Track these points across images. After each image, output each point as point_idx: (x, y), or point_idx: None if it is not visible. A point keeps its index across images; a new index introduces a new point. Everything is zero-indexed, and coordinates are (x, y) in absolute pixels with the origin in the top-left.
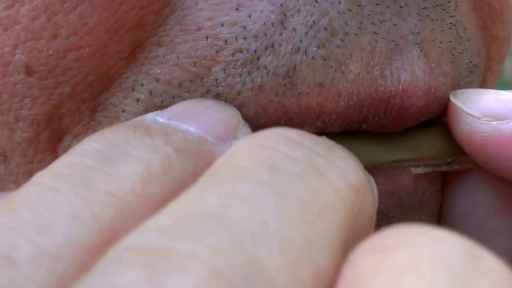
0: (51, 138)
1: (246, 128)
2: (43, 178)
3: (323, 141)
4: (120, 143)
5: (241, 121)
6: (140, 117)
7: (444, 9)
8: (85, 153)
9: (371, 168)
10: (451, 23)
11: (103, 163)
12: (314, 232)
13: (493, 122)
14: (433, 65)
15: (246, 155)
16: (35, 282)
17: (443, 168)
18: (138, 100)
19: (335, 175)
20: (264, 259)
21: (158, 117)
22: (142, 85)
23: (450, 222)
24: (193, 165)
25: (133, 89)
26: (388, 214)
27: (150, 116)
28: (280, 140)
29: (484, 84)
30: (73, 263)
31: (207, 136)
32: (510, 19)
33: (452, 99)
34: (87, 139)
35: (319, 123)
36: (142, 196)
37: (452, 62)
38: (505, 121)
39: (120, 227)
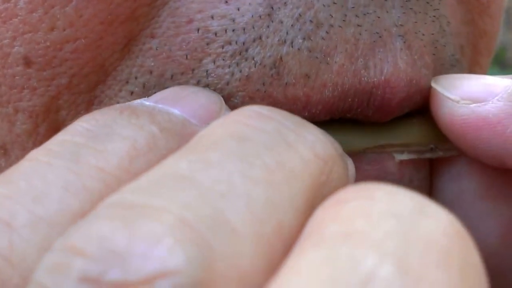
0: (49, 130)
1: (228, 112)
2: (37, 154)
3: (295, 117)
4: (108, 123)
5: (224, 106)
6: (127, 102)
7: (427, 2)
8: (75, 132)
9: (354, 154)
10: (434, 16)
11: (92, 141)
12: (279, 194)
13: (471, 105)
14: (415, 57)
15: (219, 129)
16: (32, 245)
17: (427, 155)
18: (132, 92)
19: (303, 146)
20: (229, 213)
21: (145, 101)
22: (136, 77)
23: None
24: (177, 144)
25: (127, 82)
26: None
27: (138, 100)
28: (252, 115)
29: None
30: (66, 228)
31: (191, 119)
32: (497, 13)
33: (433, 84)
34: (78, 120)
35: (306, 113)
36: (128, 171)
37: (434, 54)
38: (482, 103)
39: None
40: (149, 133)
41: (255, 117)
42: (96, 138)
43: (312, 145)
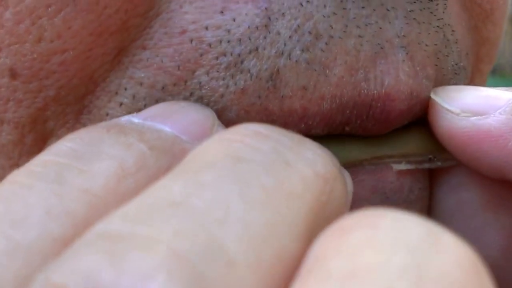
0: (36, 140)
1: (221, 128)
2: (18, 176)
3: (292, 134)
4: (94, 142)
5: (217, 121)
6: (115, 119)
7: (431, 12)
8: (59, 152)
9: (350, 166)
10: (438, 26)
11: (77, 161)
12: (278, 217)
13: (471, 118)
14: (418, 68)
15: (214, 148)
16: (9, 273)
17: (425, 165)
18: (121, 104)
19: (302, 165)
20: (226, 241)
21: (133, 118)
22: (125, 89)
23: (439, 219)
24: (167, 163)
25: (116, 93)
26: None
27: (125, 117)
28: (248, 134)
29: (473, 85)
30: (47, 255)
31: (182, 135)
32: (500, 20)
33: (433, 96)
34: (63, 139)
35: (303, 126)
36: (115, 192)
37: (437, 65)
38: (484, 116)
39: (94, 222)
40: (137, 152)
41: (252, 136)
42: (81, 157)
43: (311, 163)
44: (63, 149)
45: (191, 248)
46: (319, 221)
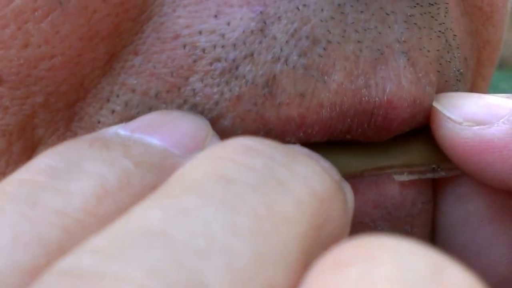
0: (25, 149)
1: (216, 140)
2: None
3: (287, 149)
4: (74, 158)
5: (211, 132)
6: (101, 131)
7: (432, 17)
8: (36, 170)
9: (351, 177)
10: (439, 31)
11: (53, 180)
12: (268, 247)
13: (474, 127)
14: (420, 75)
15: (201, 167)
16: None
17: (429, 175)
18: (113, 111)
19: (296, 184)
20: (207, 277)
21: (120, 130)
22: (117, 96)
23: (444, 232)
24: (155, 180)
25: (108, 100)
26: (375, 227)
27: (112, 129)
28: (239, 150)
29: (474, 90)
30: None
31: (172, 149)
32: (500, 22)
33: (435, 103)
34: (41, 154)
35: (301, 134)
36: (95, 214)
37: (439, 71)
38: (487, 126)
39: (70, 249)
40: (121, 169)
41: (242, 152)
42: (58, 176)
43: (306, 182)
44: (40, 166)
45: (166, 286)
46: (315, 247)
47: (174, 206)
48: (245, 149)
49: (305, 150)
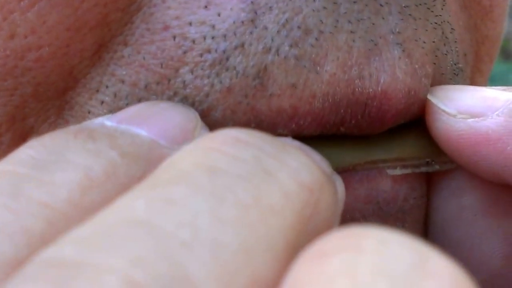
0: (15, 139)
1: (205, 131)
2: None
3: (276, 141)
4: (58, 149)
5: (200, 123)
6: (86, 122)
7: (428, 8)
8: (18, 161)
9: (343, 171)
10: (435, 23)
11: (37, 171)
12: (254, 238)
13: (468, 120)
14: (416, 66)
15: (189, 158)
16: None
17: (423, 169)
18: (102, 102)
19: (284, 175)
20: (192, 269)
21: (106, 121)
22: (107, 86)
23: (437, 227)
24: (141, 171)
25: (97, 91)
26: (366, 223)
27: (98, 120)
28: (228, 141)
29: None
30: None
31: (160, 140)
32: (500, 17)
33: (429, 96)
34: (24, 145)
35: (293, 126)
36: (79, 206)
37: (435, 63)
38: (481, 118)
39: (53, 240)
40: (107, 160)
41: (231, 143)
42: (42, 167)
43: (295, 173)
44: (23, 157)
45: (151, 279)
46: (302, 238)
47: (160, 196)
48: (234, 141)
49: (296, 143)
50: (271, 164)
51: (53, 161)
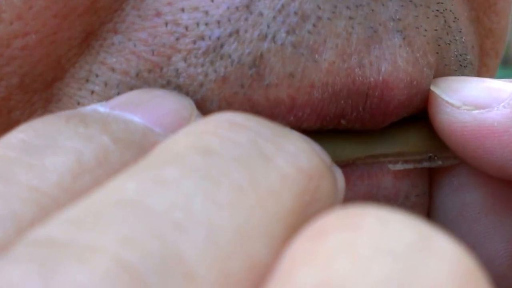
0: (1, 133)
1: (200, 119)
2: None
3: (275, 125)
4: (49, 134)
5: (195, 111)
6: (79, 108)
7: None
8: (9, 145)
9: (343, 165)
10: (437, 10)
11: (27, 155)
12: (251, 221)
13: (473, 111)
14: (417, 54)
15: (183, 141)
16: None
17: (425, 164)
18: (92, 92)
19: (283, 159)
20: (185, 250)
21: (99, 107)
22: (97, 75)
23: (439, 225)
24: (134, 157)
25: (87, 80)
26: None
27: (91, 106)
28: (223, 124)
29: None
30: None
31: (154, 127)
32: (505, 10)
33: (432, 87)
34: (15, 129)
35: (292, 118)
36: (70, 190)
37: (438, 53)
38: (486, 110)
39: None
40: (99, 145)
41: (227, 127)
42: (32, 151)
43: (294, 157)
44: (13, 141)
45: (142, 259)
46: (300, 224)
47: (153, 178)
48: (230, 124)
49: (296, 132)
50: (269, 148)
51: (44, 146)
